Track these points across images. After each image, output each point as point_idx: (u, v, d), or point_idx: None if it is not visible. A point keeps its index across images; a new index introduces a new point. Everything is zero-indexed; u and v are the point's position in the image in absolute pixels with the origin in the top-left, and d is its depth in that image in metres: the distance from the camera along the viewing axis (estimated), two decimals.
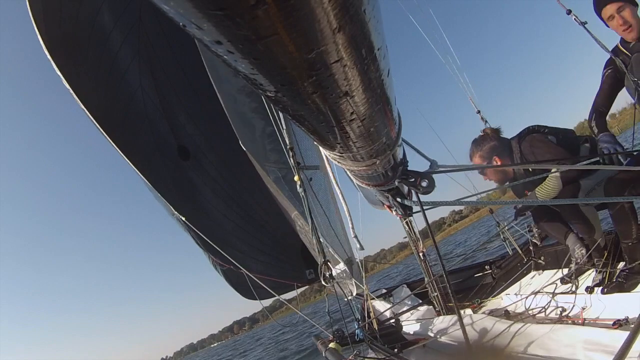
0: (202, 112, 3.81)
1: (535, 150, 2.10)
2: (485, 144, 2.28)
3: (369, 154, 0.69)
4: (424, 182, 0.87)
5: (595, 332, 1.25)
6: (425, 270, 3.03)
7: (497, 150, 2.24)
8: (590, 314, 1.71)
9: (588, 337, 1.24)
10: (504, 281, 3.20)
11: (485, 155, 2.27)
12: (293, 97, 0.43)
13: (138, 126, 3.44)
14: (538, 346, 1.40)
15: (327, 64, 0.37)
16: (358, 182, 1.00)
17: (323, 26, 0.32)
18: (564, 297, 1.98)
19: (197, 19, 0.28)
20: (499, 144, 2.26)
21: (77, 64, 2.76)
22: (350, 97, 0.45)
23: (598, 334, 1.23)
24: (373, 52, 0.42)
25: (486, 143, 2.28)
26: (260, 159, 3.19)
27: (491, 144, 2.26)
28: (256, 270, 3.94)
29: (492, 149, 2.25)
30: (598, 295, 1.78)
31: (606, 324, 1.47)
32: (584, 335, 1.26)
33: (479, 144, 2.30)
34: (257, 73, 0.37)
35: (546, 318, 1.91)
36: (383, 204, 1.16)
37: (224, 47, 0.32)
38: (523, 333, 1.54)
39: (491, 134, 2.32)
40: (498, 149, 2.24)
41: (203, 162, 3.94)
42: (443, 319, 2.35)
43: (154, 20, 3.31)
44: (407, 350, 1.93)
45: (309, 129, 0.56)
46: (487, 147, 2.26)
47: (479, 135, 2.36)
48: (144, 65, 3.40)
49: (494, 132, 2.33)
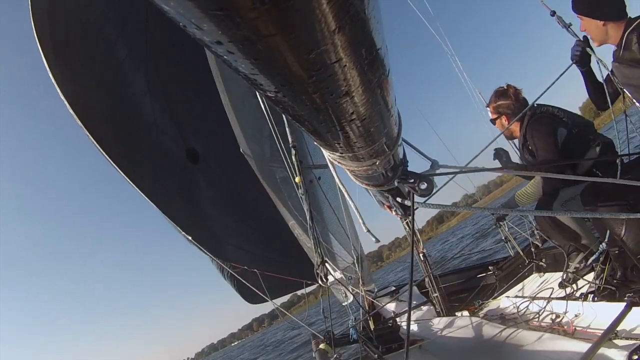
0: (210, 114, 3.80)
1: (535, 141, 2.08)
2: (502, 99, 2.28)
3: (369, 154, 0.69)
4: (423, 184, 0.87)
5: (582, 346, 1.26)
6: (425, 270, 3.03)
7: (509, 110, 2.24)
8: (582, 322, 1.71)
9: (574, 349, 1.26)
10: (505, 283, 3.19)
11: (498, 109, 2.28)
12: (293, 97, 0.43)
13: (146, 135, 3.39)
14: (525, 354, 1.41)
15: (327, 64, 0.37)
16: (358, 183, 1.00)
17: (323, 26, 0.32)
18: (559, 302, 1.98)
19: (197, 19, 0.28)
20: (514, 105, 2.25)
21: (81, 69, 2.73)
22: (350, 97, 0.46)
23: (584, 347, 1.24)
24: (373, 52, 0.42)
25: (503, 99, 2.27)
26: (265, 160, 3.19)
27: (507, 102, 2.26)
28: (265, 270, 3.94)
29: (506, 106, 2.26)
30: (590, 304, 1.78)
31: (597, 336, 1.47)
32: (570, 347, 1.28)
33: (498, 96, 2.30)
34: (257, 73, 0.37)
35: (539, 324, 1.91)
36: (383, 204, 1.16)
37: (224, 48, 0.32)
38: (513, 339, 1.55)
39: (512, 92, 2.29)
40: (511, 109, 2.24)
41: (211, 164, 3.93)
42: (440, 320, 2.36)
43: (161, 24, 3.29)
44: (402, 351, 1.93)
45: (309, 129, 0.56)
46: (503, 103, 2.27)
47: (501, 88, 2.35)
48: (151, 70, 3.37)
49: (516, 92, 2.30)
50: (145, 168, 3.22)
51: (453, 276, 3.75)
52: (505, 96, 2.28)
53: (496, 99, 2.31)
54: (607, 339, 1.16)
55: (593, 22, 1.75)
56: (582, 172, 2.03)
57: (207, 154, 3.88)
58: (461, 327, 1.96)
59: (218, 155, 3.96)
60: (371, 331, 2.48)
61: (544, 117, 2.12)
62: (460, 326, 2.03)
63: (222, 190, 4.00)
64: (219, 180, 3.98)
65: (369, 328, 2.60)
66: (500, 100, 2.28)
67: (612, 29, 1.71)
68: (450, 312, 2.79)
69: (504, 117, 2.27)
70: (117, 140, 3.01)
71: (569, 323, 1.72)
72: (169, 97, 3.57)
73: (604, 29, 1.72)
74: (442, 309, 2.84)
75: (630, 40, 1.64)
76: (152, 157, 3.39)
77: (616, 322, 0.72)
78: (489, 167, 2.27)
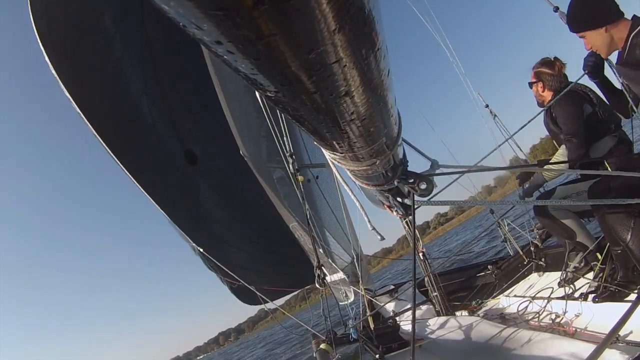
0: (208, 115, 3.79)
1: (563, 117, 2.12)
2: (546, 67, 2.31)
3: (369, 154, 0.69)
4: (423, 184, 0.87)
5: (580, 346, 1.26)
6: (425, 270, 3.03)
7: (547, 77, 2.28)
8: (581, 322, 1.70)
9: (573, 350, 1.25)
10: (504, 282, 3.20)
11: (538, 74, 2.33)
12: (293, 97, 0.43)
13: (144, 137, 3.39)
14: (525, 353, 1.41)
15: (327, 64, 0.37)
16: (358, 182, 1.00)
17: (323, 26, 0.32)
18: (559, 302, 1.98)
19: (197, 19, 0.28)
20: (554, 77, 2.28)
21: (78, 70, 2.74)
22: (350, 97, 0.46)
23: (583, 349, 1.23)
24: (373, 52, 0.42)
25: (548, 68, 2.31)
26: (262, 160, 3.19)
27: (550, 71, 2.29)
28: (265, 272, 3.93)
29: (545, 74, 2.29)
30: (590, 304, 1.77)
31: (597, 337, 1.47)
32: (570, 348, 1.27)
33: (543, 64, 2.34)
34: (257, 73, 0.37)
35: (539, 323, 1.91)
36: (383, 203, 1.16)
37: (224, 47, 0.32)
38: (513, 339, 1.55)
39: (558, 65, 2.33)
40: (549, 78, 2.28)
41: (210, 165, 3.92)
42: (440, 320, 2.36)
43: (157, 24, 3.29)
44: (403, 351, 1.93)
45: (309, 129, 0.56)
46: (544, 70, 2.30)
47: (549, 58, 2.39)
48: (147, 70, 3.37)
49: (561, 66, 2.34)
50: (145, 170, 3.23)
51: (452, 275, 3.75)
52: (550, 66, 2.32)
53: (541, 65, 2.35)
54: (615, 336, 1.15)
55: (595, 33, 1.71)
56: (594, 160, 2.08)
57: (205, 156, 3.88)
58: (461, 326, 1.97)
59: (216, 157, 3.95)
60: (371, 331, 2.49)
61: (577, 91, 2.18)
62: (460, 326, 2.03)
63: (222, 191, 3.99)
64: (218, 182, 3.98)
65: (369, 328, 2.60)
66: (544, 68, 2.32)
67: (616, 32, 1.68)
68: (450, 312, 2.79)
69: (540, 84, 2.31)
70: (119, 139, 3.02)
71: (569, 323, 1.72)
72: (166, 98, 3.57)
73: (607, 35, 1.69)
74: (442, 308, 2.85)
75: (635, 44, 1.60)
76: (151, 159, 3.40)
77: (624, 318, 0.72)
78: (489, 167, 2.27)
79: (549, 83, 2.28)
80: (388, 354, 1.83)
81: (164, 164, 3.52)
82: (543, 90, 2.31)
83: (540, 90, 2.32)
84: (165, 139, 3.58)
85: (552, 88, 2.28)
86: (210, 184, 3.93)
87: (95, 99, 2.88)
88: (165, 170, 3.52)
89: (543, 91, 2.31)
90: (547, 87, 2.29)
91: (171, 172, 3.59)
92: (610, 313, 1.62)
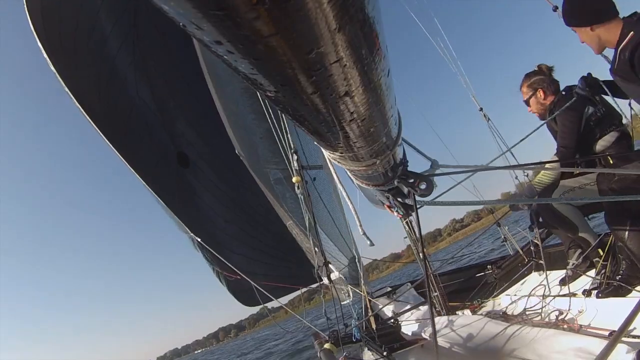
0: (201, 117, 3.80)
1: (561, 129, 2.11)
2: (535, 76, 2.31)
3: (369, 154, 0.69)
4: (422, 184, 0.87)
5: (587, 341, 1.25)
6: (425, 270, 3.02)
7: (544, 84, 2.27)
8: (585, 318, 1.70)
9: (580, 345, 1.24)
10: (505, 281, 3.20)
11: (532, 85, 2.31)
12: (293, 97, 0.43)
13: (140, 135, 3.42)
14: (530, 351, 1.40)
15: (327, 64, 0.37)
16: (358, 182, 1.00)
17: (323, 26, 0.32)
18: (562, 299, 1.97)
19: (197, 19, 0.28)
20: (548, 79, 2.28)
21: (77, 69, 2.76)
22: (350, 97, 0.45)
23: (590, 343, 1.23)
24: (373, 52, 0.42)
25: (536, 75, 2.31)
26: (260, 162, 3.19)
27: (541, 77, 2.29)
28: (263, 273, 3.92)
29: (540, 81, 2.29)
30: (593, 300, 1.77)
31: (602, 333, 1.46)
32: (576, 344, 1.26)
33: (529, 76, 2.34)
34: (257, 73, 0.37)
35: (542, 321, 1.91)
36: (383, 204, 1.16)
37: (224, 47, 0.32)
38: (518, 336, 1.54)
39: (544, 67, 2.33)
40: (546, 83, 2.27)
41: (202, 167, 3.93)
42: (441, 319, 2.36)
43: (150, 26, 3.30)
44: (405, 350, 1.93)
45: (309, 129, 0.56)
46: (537, 78, 2.30)
47: (533, 70, 2.39)
48: (140, 72, 3.38)
49: (548, 69, 2.35)
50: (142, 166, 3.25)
51: (452, 276, 3.75)
52: (539, 72, 2.32)
53: (528, 78, 2.34)
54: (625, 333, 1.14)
55: (582, 30, 1.71)
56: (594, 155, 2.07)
57: (198, 158, 3.89)
58: (464, 325, 1.96)
59: (209, 159, 3.96)
60: (373, 331, 2.49)
61: (579, 99, 2.13)
62: (462, 324, 2.03)
63: (216, 192, 4.01)
64: (212, 183, 3.99)
65: (371, 328, 2.60)
66: (533, 77, 2.32)
67: (603, 32, 1.64)
68: (450, 312, 2.79)
69: (540, 91, 2.29)
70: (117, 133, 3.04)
71: (573, 319, 1.72)
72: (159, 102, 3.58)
73: (594, 34, 1.66)
74: (442, 308, 2.85)
75: (623, 60, 1.56)
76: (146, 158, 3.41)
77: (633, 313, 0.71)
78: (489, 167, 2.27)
79: (548, 86, 2.26)
80: (391, 354, 1.83)
81: (159, 164, 3.54)
82: (545, 98, 2.27)
83: (542, 99, 2.28)
84: (159, 141, 3.61)
85: (553, 90, 2.26)
86: (205, 186, 3.94)
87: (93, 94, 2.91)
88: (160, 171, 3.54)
89: (545, 98, 2.27)
90: (548, 91, 2.27)
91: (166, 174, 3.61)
92: (614, 308, 1.62)
